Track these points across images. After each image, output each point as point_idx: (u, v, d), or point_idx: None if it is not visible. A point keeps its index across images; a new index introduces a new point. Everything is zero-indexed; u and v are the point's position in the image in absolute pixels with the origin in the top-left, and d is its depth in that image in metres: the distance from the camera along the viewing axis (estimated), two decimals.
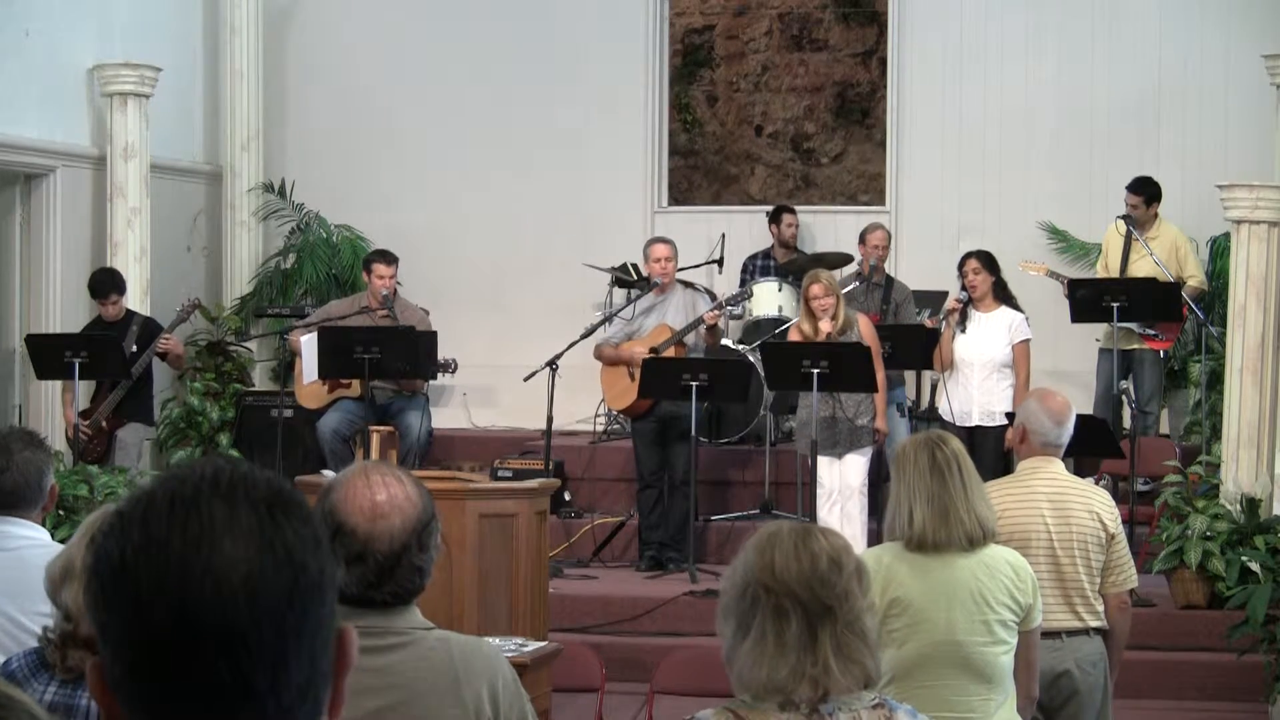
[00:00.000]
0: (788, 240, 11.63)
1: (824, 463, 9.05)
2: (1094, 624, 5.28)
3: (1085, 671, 5.25)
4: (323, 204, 12.38)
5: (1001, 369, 9.38)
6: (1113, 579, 5.30)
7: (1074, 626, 5.25)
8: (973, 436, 8.99)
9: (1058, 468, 5.35)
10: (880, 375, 9.04)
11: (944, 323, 9.57)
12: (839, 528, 8.90)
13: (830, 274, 9.39)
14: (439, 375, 10.13)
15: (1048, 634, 5.19)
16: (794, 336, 9.23)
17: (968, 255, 9.62)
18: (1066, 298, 9.68)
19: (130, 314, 10.23)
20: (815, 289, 9.01)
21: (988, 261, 9.50)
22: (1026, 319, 9.52)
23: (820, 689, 2.54)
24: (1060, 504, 5.26)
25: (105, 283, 10.17)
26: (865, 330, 9.10)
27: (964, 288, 9.58)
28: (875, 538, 8.74)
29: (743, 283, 11.36)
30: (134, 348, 10.02)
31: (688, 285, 10.36)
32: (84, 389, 10.17)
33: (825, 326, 8.91)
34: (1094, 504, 5.31)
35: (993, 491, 5.32)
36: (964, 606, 4.38)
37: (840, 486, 9.04)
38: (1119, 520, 5.39)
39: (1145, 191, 10.27)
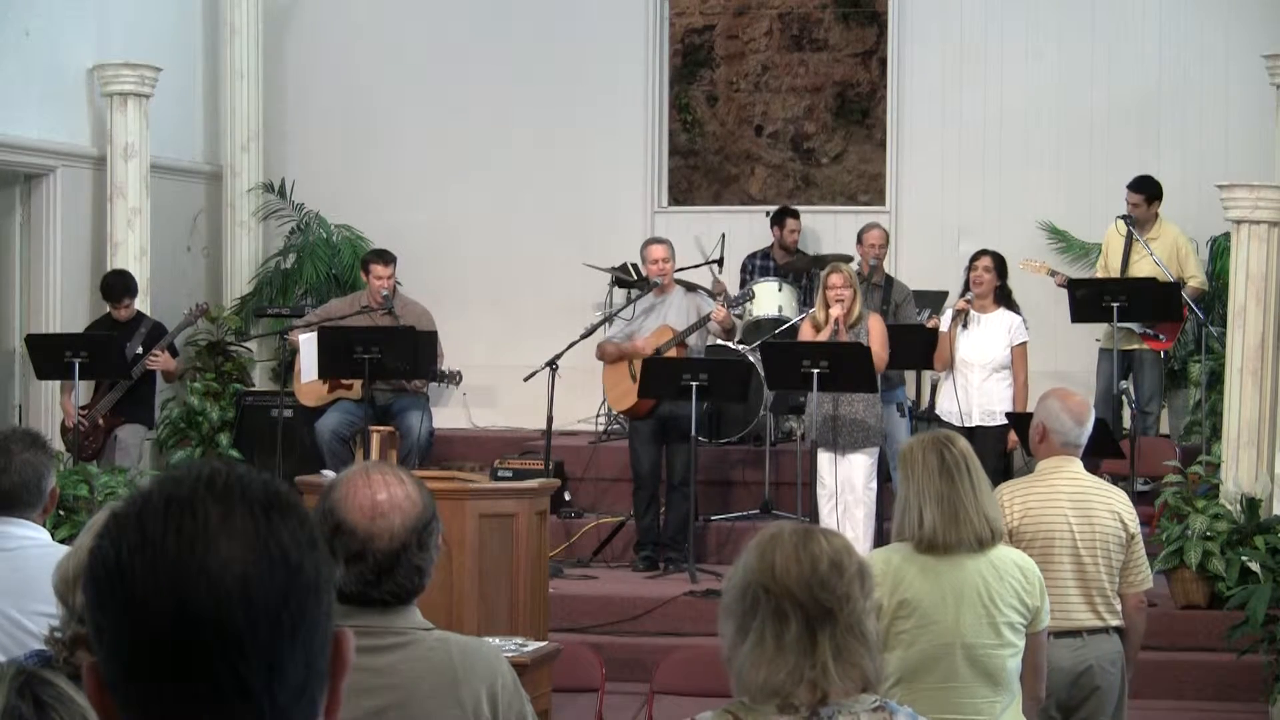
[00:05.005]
0: (789, 244, 11.61)
1: (825, 460, 9.04)
2: (1113, 623, 5.34)
3: (1105, 670, 5.32)
4: (323, 204, 12.38)
5: (1001, 370, 9.39)
6: (1130, 579, 5.36)
7: (1095, 625, 5.31)
8: (972, 436, 8.96)
9: (1077, 467, 5.39)
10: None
11: (950, 321, 9.54)
12: (840, 528, 8.88)
13: (851, 269, 9.37)
14: (445, 386, 10.11)
15: (1070, 632, 5.25)
16: (806, 327, 9.23)
17: (983, 252, 9.61)
18: (1064, 287, 9.73)
19: (140, 316, 10.26)
20: (834, 279, 9.04)
21: (999, 263, 9.53)
22: (1025, 322, 9.53)
23: (819, 692, 2.52)
24: (1082, 503, 5.30)
25: (117, 286, 10.18)
26: (873, 328, 9.08)
27: (968, 284, 9.57)
28: (882, 540, 8.77)
29: (743, 282, 11.35)
30: (139, 349, 10.03)
31: (690, 288, 10.33)
32: (84, 386, 10.16)
33: (835, 311, 8.92)
34: (1115, 504, 5.37)
35: (1015, 491, 5.35)
36: (972, 608, 4.38)
37: (843, 486, 9.01)
38: (1138, 521, 5.45)
39: (1146, 190, 10.27)
